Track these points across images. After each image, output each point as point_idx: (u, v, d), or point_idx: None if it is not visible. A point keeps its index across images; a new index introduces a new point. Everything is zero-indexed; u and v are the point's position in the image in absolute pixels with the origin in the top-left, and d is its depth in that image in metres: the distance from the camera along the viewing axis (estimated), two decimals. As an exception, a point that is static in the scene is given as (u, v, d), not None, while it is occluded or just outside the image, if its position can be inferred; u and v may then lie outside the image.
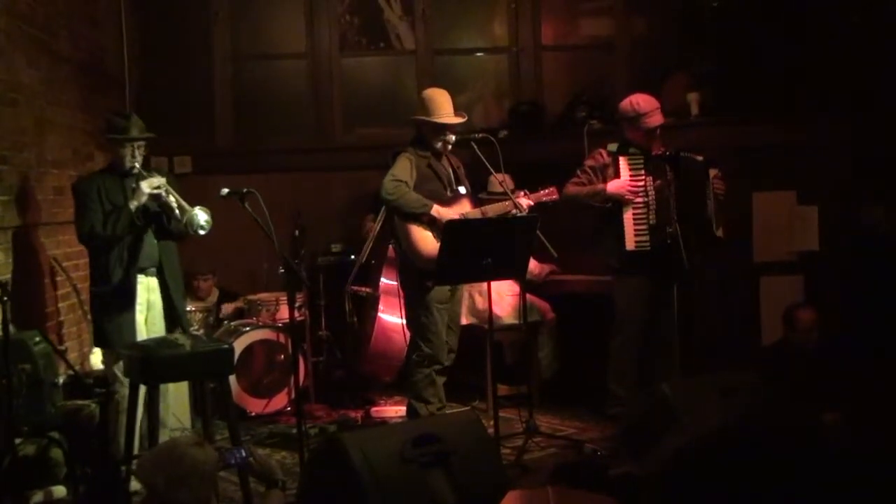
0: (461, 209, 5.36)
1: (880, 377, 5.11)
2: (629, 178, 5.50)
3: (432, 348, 5.30)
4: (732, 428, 1.45)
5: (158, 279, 4.97)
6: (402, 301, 5.57)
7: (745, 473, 1.36)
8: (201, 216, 4.72)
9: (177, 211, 4.78)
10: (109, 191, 4.83)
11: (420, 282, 5.24)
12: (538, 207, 5.42)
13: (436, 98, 5.34)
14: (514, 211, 5.28)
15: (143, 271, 4.92)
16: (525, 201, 5.38)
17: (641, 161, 5.50)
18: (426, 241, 5.19)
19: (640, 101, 5.61)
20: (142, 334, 4.83)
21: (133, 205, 4.75)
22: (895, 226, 6.22)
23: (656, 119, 5.56)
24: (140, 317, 4.89)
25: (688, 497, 1.40)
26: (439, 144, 5.36)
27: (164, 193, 4.78)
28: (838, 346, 5.55)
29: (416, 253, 5.20)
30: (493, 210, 5.41)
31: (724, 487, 1.38)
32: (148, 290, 4.94)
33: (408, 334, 5.49)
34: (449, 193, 5.40)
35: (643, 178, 5.48)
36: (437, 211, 5.19)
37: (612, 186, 5.52)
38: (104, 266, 4.83)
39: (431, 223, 5.21)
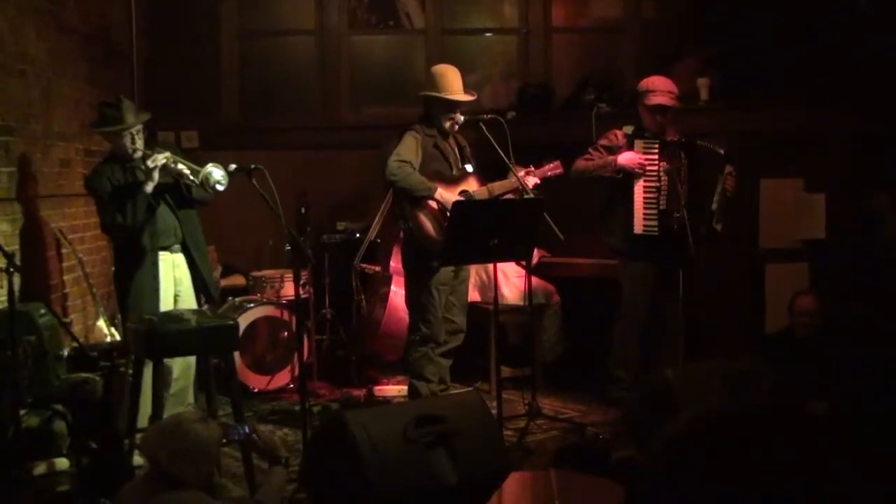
0: (468, 187, 5.35)
1: (883, 367, 5.11)
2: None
3: (430, 328, 5.31)
4: (726, 414, 1.45)
5: (185, 253, 4.97)
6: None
7: (741, 461, 1.35)
8: (216, 172, 4.68)
9: (190, 175, 4.77)
10: (119, 179, 4.81)
11: (422, 262, 5.23)
12: (545, 186, 5.40)
13: (446, 74, 5.30)
14: (520, 187, 5.27)
15: (168, 248, 4.91)
16: (532, 179, 5.37)
17: (656, 145, 5.47)
18: (435, 222, 5.18)
19: (654, 80, 5.60)
20: None
21: (149, 187, 4.71)
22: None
23: (658, 98, 5.51)
24: (169, 294, 4.89)
25: (683, 483, 1.39)
26: (447, 123, 5.33)
27: (171, 164, 4.76)
28: (838, 334, 5.54)
29: (425, 234, 5.19)
30: (499, 187, 5.39)
31: (720, 475, 1.37)
32: (174, 266, 4.94)
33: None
34: (455, 172, 5.39)
35: (656, 162, 5.46)
36: (441, 195, 5.17)
37: (624, 158, 5.49)
38: (126, 246, 4.84)
39: (435, 211, 5.18)
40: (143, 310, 4.69)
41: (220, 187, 4.70)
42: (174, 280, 4.94)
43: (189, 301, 4.97)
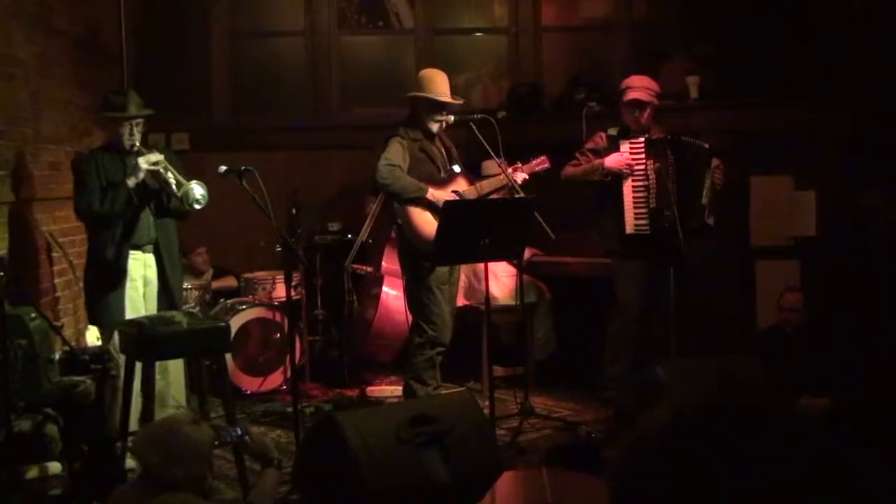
0: (457, 187, 5.34)
1: (872, 365, 5.13)
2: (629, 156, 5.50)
3: (436, 330, 5.27)
4: (701, 409, 1.43)
5: (155, 256, 4.98)
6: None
7: (715, 457, 1.35)
8: (197, 190, 4.73)
9: (174, 186, 4.79)
10: (108, 169, 4.84)
11: (417, 262, 5.23)
12: (535, 185, 5.40)
13: (434, 78, 5.30)
14: (509, 184, 5.27)
15: (140, 248, 4.94)
16: (521, 175, 5.37)
17: (642, 144, 5.48)
18: (426, 223, 5.18)
19: (632, 78, 5.63)
20: (140, 311, 4.85)
21: (131, 182, 4.76)
22: (893, 210, 6.22)
23: (633, 94, 5.51)
24: (137, 293, 4.92)
25: (658, 478, 1.38)
26: (434, 125, 5.32)
27: (162, 170, 4.79)
28: (824, 330, 5.56)
29: (417, 235, 5.19)
30: (488, 185, 5.39)
31: (694, 470, 1.36)
32: (145, 266, 4.97)
33: (410, 316, 5.46)
34: (443, 174, 5.39)
35: (643, 161, 5.47)
36: (433, 195, 5.17)
37: (610, 161, 5.50)
38: (99, 243, 4.88)
39: (430, 206, 5.19)
40: (107, 305, 4.76)
41: (197, 206, 4.76)
42: (143, 279, 4.97)
43: (155, 302, 4.99)
